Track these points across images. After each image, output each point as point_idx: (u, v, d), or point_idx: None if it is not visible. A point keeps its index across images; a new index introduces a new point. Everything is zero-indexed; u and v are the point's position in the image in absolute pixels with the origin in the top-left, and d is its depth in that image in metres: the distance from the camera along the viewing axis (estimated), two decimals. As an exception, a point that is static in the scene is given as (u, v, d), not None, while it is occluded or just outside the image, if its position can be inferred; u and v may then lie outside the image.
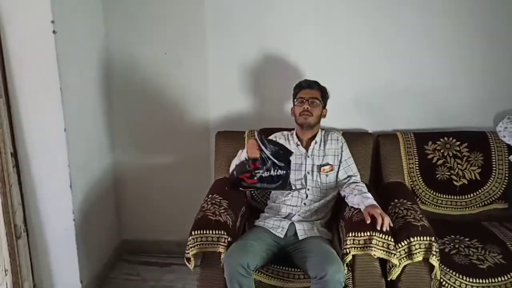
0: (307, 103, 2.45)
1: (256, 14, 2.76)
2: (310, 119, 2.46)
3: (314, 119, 2.47)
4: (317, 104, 2.46)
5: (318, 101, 2.47)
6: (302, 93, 2.49)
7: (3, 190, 2.37)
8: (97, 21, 2.77)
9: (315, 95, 2.47)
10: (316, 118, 2.48)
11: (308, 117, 2.45)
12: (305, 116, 2.45)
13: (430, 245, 2.11)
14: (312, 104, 2.46)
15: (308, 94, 2.47)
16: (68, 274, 2.58)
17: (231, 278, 2.11)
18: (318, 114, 2.48)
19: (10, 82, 2.31)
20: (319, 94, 2.49)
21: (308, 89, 2.49)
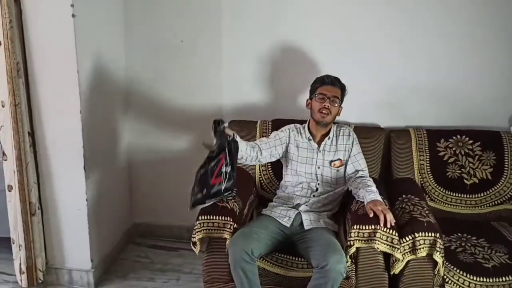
0: (328, 101, 2.42)
1: (272, 3, 2.77)
2: (328, 118, 2.44)
3: (331, 118, 2.45)
4: (337, 102, 2.43)
5: (338, 100, 2.44)
6: (324, 89, 2.44)
7: (20, 168, 2.45)
8: (116, 7, 2.81)
9: (337, 93, 2.44)
10: (333, 117, 2.46)
11: (326, 115, 2.43)
12: (323, 115, 2.43)
13: (434, 241, 2.10)
14: (333, 103, 2.42)
15: (330, 91, 2.43)
16: (79, 252, 2.65)
17: (235, 264, 2.14)
18: (336, 113, 2.46)
19: (29, 63, 2.38)
20: (339, 93, 2.45)
21: (330, 85, 2.44)
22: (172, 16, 2.87)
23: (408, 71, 2.77)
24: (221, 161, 2.17)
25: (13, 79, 2.31)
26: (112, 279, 2.80)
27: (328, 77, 2.48)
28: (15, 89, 2.33)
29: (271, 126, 2.75)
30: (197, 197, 2.19)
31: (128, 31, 2.90)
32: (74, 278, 2.70)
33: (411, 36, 2.72)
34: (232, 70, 2.90)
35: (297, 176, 2.53)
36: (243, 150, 2.35)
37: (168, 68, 2.95)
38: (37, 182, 2.55)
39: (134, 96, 3.01)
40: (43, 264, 2.65)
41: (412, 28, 2.71)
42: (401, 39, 2.73)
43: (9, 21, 2.24)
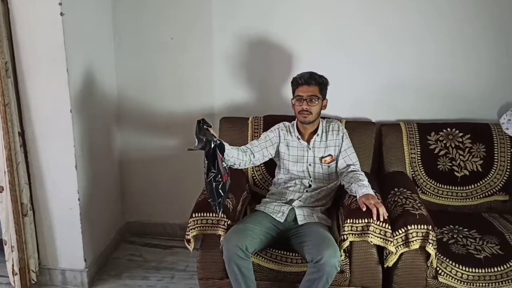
0: (306, 103, 2.39)
1: (263, 2, 2.77)
2: (310, 117, 2.43)
3: (314, 116, 2.44)
4: (316, 101, 2.41)
5: (317, 98, 2.41)
6: (300, 91, 2.42)
7: (11, 169, 2.42)
8: (105, 5, 2.79)
9: (314, 92, 2.40)
10: (316, 115, 2.44)
11: (307, 115, 2.42)
12: (304, 115, 2.42)
13: (427, 234, 2.13)
14: (311, 102, 2.40)
15: (306, 92, 2.40)
16: (72, 252, 2.64)
17: (229, 260, 2.15)
18: (318, 110, 2.44)
19: (18, 62, 2.36)
20: (317, 90, 2.41)
21: (305, 85, 2.40)
22: (161, 14, 2.86)
23: (399, 66, 2.79)
24: (220, 159, 2.16)
25: (1, 79, 2.29)
26: (106, 278, 2.79)
27: (302, 77, 2.43)
28: (4, 88, 2.31)
29: (262, 122, 2.75)
30: (219, 201, 2.16)
31: (117, 29, 2.88)
32: (68, 278, 2.69)
33: (401, 32, 2.74)
34: (223, 68, 2.89)
35: (289, 174, 2.53)
36: (235, 156, 2.34)
37: (158, 66, 2.93)
38: (29, 183, 2.53)
39: (125, 94, 3.00)
40: (36, 265, 2.63)
41: (402, 24, 2.72)
42: (391, 34, 2.75)
43: (-4, 20, 2.22)
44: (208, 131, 2.14)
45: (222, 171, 2.14)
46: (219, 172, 2.12)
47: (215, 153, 2.13)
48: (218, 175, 2.12)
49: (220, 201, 2.16)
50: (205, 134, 2.12)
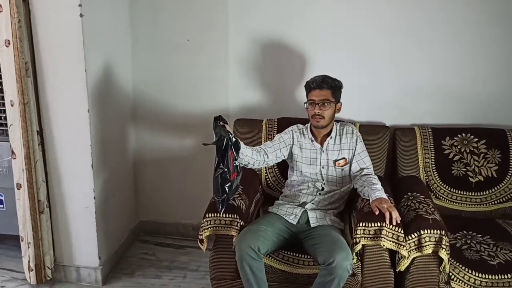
0: (318, 107, 2.40)
1: (279, 3, 2.79)
2: (323, 122, 2.43)
3: (327, 120, 2.44)
4: (329, 105, 2.41)
5: (330, 102, 2.41)
6: (312, 95, 2.43)
7: (29, 166, 2.47)
8: (122, 6, 2.83)
9: (326, 96, 2.41)
10: (329, 119, 2.44)
11: (320, 120, 2.42)
12: (317, 120, 2.43)
13: (440, 239, 2.12)
14: (323, 107, 2.40)
15: (318, 96, 2.41)
16: (87, 250, 2.68)
17: (241, 260, 2.16)
18: (331, 114, 2.44)
19: (38, 62, 2.41)
20: (330, 94, 2.41)
21: (317, 89, 2.41)
22: (178, 15, 2.89)
23: (414, 70, 2.78)
24: (232, 157, 2.18)
25: (21, 78, 2.34)
26: (119, 276, 2.82)
27: (314, 81, 2.44)
28: (24, 88, 2.36)
29: (276, 124, 2.77)
30: (223, 198, 2.18)
31: (135, 30, 2.92)
32: (82, 276, 2.73)
33: (417, 36, 2.73)
34: (239, 69, 2.91)
35: (302, 176, 2.54)
36: (249, 155, 2.36)
37: (174, 68, 2.97)
38: (46, 180, 2.57)
39: (141, 95, 3.03)
40: (51, 262, 2.67)
41: (418, 28, 2.72)
42: (407, 38, 2.74)
43: (18, 20, 2.27)
44: (224, 128, 2.17)
45: (231, 169, 2.16)
46: (227, 169, 2.14)
47: (227, 150, 2.15)
48: (226, 172, 2.14)
49: (224, 199, 2.18)
50: (220, 130, 2.15)
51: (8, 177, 2.64)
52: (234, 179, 2.21)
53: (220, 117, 2.21)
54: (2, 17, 2.28)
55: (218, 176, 2.14)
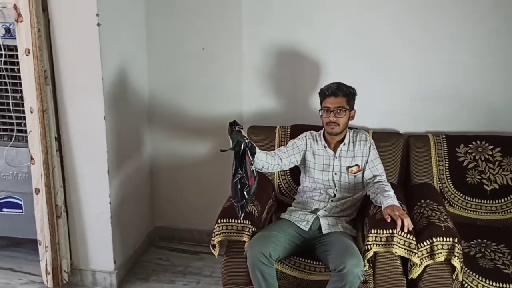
0: (333, 114, 2.41)
1: (293, 11, 2.81)
2: (337, 129, 2.44)
3: (342, 127, 2.45)
4: (343, 112, 2.42)
5: (344, 109, 2.42)
6: (327, 102, 2.44)
7: (47, 172, 2.53)
8: (139, 16, 2.89)
9: (341, 104, 2.41)
10: (343, 126, 2.45)
11: (334, 127, 2.43)
12: (332, 127, 2.44)
13: (452, 246, 2.11)
14: (338, 114, 2.41)
15: (333, 103, 2.41)
16: (102, 254, 2.73)
17: (253, 266, 2.18)
18: (345, 121, 2.45)
19: (56, 70, 2.47)
20: (344, 101, 2.42)
21: (332, 96, 2.42)
22: (194, 24, 2.94)
23: (428, 78, 2.78)
24: (249, 161, 2.19)
25: (41, 86, 2.41)
26: (134, 281, 2.86)
27: (329, 89, 2.45)
28: (43, 95, 2.42)
29: (289, 131, 2.79)
30: (242, 203, 2.19)
31: (150, 39, 2.98)
32: (98, 280, 2.77)
33: (432, 42, 2.73)
34: (252, 77, 2.94)
35: (314, 183, 2.55)
36: (263, 160, 2.38)
37: (190, 75, 3.01)
38: (63, 186, 2.63)
39: (157, 102, 3.08)
40: (68, 266, 2.72)
41: (431, 35, 2.72)
42: (421, 45, 2.74)
43: (38, 30, 2.34)
44: (240, 133, 2.19)
45: (249, 173, 2.18)
46: (246, 174, 2.16)
47: (244, 155, 2.17)
48: (245, 177, 2.16)
49: (244, 204, 2.20)
50: (236, 135, 2.16)
51: (27, 182, 2.70)
52: (252, 183, 2.22)
53: (235, 122, 2.24)
54: (22, 27, 2.36)
55: (237, 181, 2.16)
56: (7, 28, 2.51)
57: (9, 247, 3.13)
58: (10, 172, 2.79)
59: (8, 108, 2.67)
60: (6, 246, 3.14)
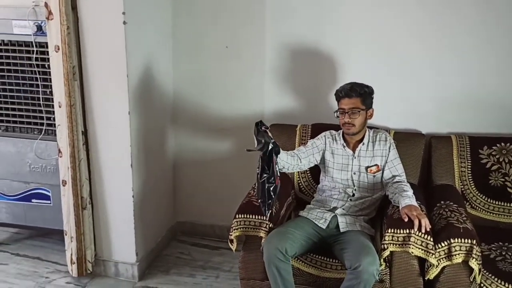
0: (347, 116, 2.42)
1: (315, 11, 2.83)
2: (353, 129, 2.45)
3: (358, 127, 2.45)
4: (358, 113, 2.41)
5: (359, 110, 2.41)
6: (342, 103, 2.44)
7: (73, 165, 2.62)
8: (164, 14, 2.95)
9: (355, 104, 2.41)
10: (359, 126, 2.45)
11: (350, 127, 2.44)
12: (348, 127, 2.44)
13: (470, 248, 2.09)
14: (353, 115, 2.41)
15: (347, 104, 2.42)
16: (125, 246, 2.80)
17: (269, 262, 2.21)
18: (362, 121, 2.44)
19: (84, 67, 2.55)
20: (359, 101, 2.41)
21: (346, 98, 2.42)
22: (217, 22, 2.98)
23: (451, 79, 2.75)
24: (274, 161, 2.20)
25: (69, 82, 2.49)
26: (155, 273, 2.93)
27: (342, 90, 2.45)
28: (71, 90, 2.51)
29: (310, 130, 2.80)
30: (269, 202, 2.19)
31: (175, 37, 3.03)
32: (120, 271, 2.85)
33: (455, 42, 2.70)
34: (274, 76, 2.97)
35: (333, 182, 2.56)
36: (284, 159, 2.40)
37: (213, 72, 3.06)
38: (89, 178, 2.71)
39: (181, 99, 3.14)
40: (92, 256, 2.81)
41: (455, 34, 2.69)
42: (444, 45, 2.71)
43: (67, 27, 2.42)
44: (266, 133, 2.20)
45: (275, 173, 2.19)
46: (272, 174, 2.17)
47: (271, 155, 2.18)
48: (272, 177, 2.17)
49: (270, 203, 2.20)
50: (263, 136, 2.18)
51: (55, 174, 2.79)
52: (278, 183, 2.21)
53: (261, 122, 2.24)
54: (52, 24, 2.45)
55: (264, 181, 2.17)
56: (39, 25, 2.61)
57: (38, 237, 3.25)
58: (40, 164, 2.89)
59: (38, 103, 2.77)
60: (35, 236, 3.26)
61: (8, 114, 2.85)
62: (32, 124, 2.84)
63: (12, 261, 3.02)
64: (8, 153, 2.91)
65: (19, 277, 2.87)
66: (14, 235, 3.28)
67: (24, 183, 2.94)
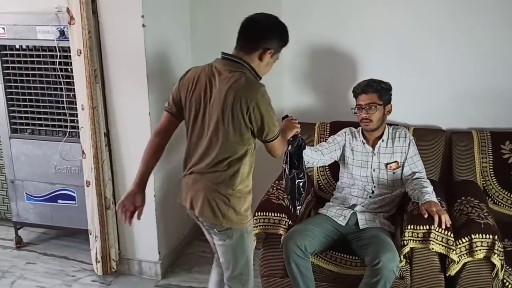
0: (365, 111, 2.43)
1: (333, 10, 2.83)
2: (371, 125, 2.45)
3: (375, 123, 2.45)
4: (375, 108, 2.42)
5: (376, 105, 2.42)
6: (359, 100, 2.46)
7: (97, 165, 2.68)
8: (183, 16, 2.99)
9: (372, 100, 2.42)
10: (377, 122, 2.45)
11: (368, 123, 2.45)
12: (365, 123, 2.45)
13: (492, 244, 2.07)
14: (370, 110, 2.42)
15: (364, 100, 2.43)
16: (148, 244, 2.85)
17: (288, 258, 2.23)
18: (379, 117, 2.45)
19: (105, 70, 2.61)
20: (376, 97, 2.43)
21: (363, 94, 2.45)
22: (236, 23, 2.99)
23: (471, 73, 2.72)
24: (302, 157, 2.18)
25: (91, 84, 2.56)
26: (178, 271, 2.97)
27: (359, 86, 2.48)
28: (93, 93, 2.57)
29: (329, 128, 2.81)
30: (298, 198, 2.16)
31: (194, 38, 3.07)
32: (144, 269, 2.91)
33: (474, 38, 2.67)
34: (293, 74, 2.99)
35: (352, 179, 2.57)
36: (309, 155, 2.43)
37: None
38: (112, 178, 2.78)
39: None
40: (116, 254, 2.87)
41: (474, 29, 2.66)
42: (464, 40, 2.69)
43: (88, 31, 2.49)
44: None
45: (304, 169, 2.18)
46: (302, 170, 2.16)
47: (301, 150, 2.18)
48: (301, 173, 2.16)
49: (301, 199, 2.19)
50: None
51: (80, 175, 2.86)
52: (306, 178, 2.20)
53: (287, 116, 2.25)
54: (74, 29, 2.52)
55: (294, 176, 2.15)
56: (61, 30, 2.68)
57: (64, 237, 3.34)
58: (65, 166, 2.98)
59: (62, 106, 2.86)
60: (61, 235, 3.35)
61: (33, 117, 2.94)
62: (56, 126, 2.93)
63: (40, 260, 3.11)
64: (35, 155, 3.00)
65: (47, 275, 2.95)
66: (42, 235, 3.37)
67: (50, 184, 3.03)
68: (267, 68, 1.93)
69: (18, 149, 3.01)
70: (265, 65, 1.92)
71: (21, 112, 2.95)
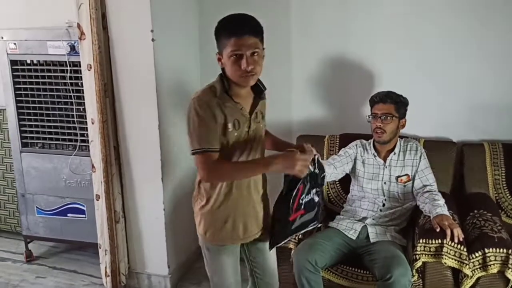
0: (380, 120, 2.42)
1: (340, 22, 2.83)
2: (384, 136, 2.44)
3: (388, 135, 2.44)
4: (391, 119, 2.41)
5: (392, 116, 2.41)
6: (375, 108, 2.45)
7: (106, 179, 2.69)
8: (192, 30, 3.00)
9: (388, 110, 2.41)
10: (390, 134, 2.44)
11: (382, 134, 2.43)
12: (379, 134, 2.44)
13: (506, 258, 2.04)
14: (385, 120, 2.41)
15: (380, 110, 2.42)
16: (157, 258, 2.84)
17: (299, 273, 2.21)
18: (393, 129, 2.43)
19: (115, 84, 2.63)
20: (393, 108, 2.42)
21: (381, 103, 2.44)
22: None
23: (482, 85, 2.70)
24: (299, 192, 1.91)
25: (101, 99, 2.57)
26: (187, 285, 2.96)
27: (377, 95, 2.47)
28: (103, 107, 2.59)
29: (338, 140, 2.80)
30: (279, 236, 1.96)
31: (203, 51, 3.08)
32: (153, 283, 2.89)
33: (485, 49, 2.66)
34: (302, 86, 2.98)
35: (363, 192, 2.54)
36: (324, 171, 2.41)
37: (240, 86, 3.09)
38: (121, 192, 2.78)
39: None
40: (125, 268, 2.86)
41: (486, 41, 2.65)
42: (474, 52, 2.68)
43: (98, 47, 2.51)
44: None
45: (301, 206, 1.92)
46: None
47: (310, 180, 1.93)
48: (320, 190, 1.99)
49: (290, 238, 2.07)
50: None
51: (89, 189, 2.86)
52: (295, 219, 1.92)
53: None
54: (85, 44, 2.54)
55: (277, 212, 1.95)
56: (72, 45, 2.72)
57: (74, 250, 3.34)
58: (75, 179, 2.99)
59: (72, 120, 2.88)
60: (71, 249, 3.35)
61: (44, 131, 2.97)
62: (66, 140, 2.95)
63: (49, 274, 3.11)
64: (45, 169, 3.01)
65: (57, 289, 2.95)
66: (51, 249, 3.38)
67: (60, 198, 3.04)
68: (233, 68, 1.92)
69: (28, 163, 3.03)
70: (229, 68, 1.92)
71: (32, 126, 2.98)
